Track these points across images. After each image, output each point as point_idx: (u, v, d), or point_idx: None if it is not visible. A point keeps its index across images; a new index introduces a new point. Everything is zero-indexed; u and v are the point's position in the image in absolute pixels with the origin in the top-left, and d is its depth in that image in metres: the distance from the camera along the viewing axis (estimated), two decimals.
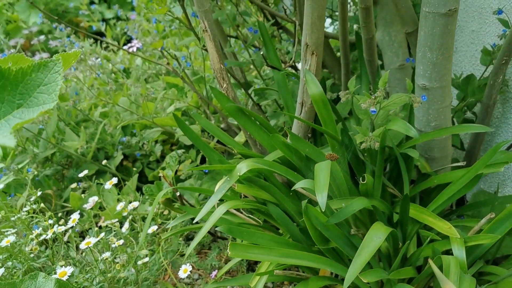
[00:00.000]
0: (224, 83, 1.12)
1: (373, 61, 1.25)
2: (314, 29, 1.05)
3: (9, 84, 0.41)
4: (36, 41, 2.61)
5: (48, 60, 0.41)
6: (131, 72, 2.38)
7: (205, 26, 1.06)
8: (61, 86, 1.57)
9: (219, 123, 1.66)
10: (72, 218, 1.09)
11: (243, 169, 0.96)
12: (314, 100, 1.08)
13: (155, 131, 1.53)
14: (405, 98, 0.99)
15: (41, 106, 0.40)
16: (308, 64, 1.10)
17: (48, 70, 0.41)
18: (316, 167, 0.90)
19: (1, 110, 0.42)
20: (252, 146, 1.25)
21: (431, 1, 0.97)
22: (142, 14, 3.19)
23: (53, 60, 0.41)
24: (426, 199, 1.16)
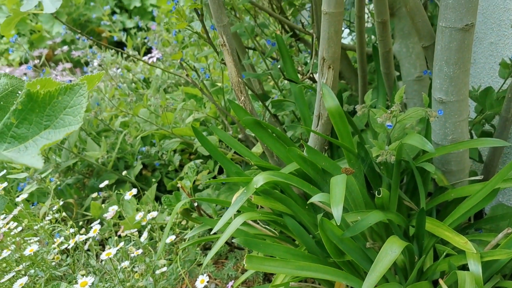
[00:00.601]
0: (241, 96, 1.14)
1: (390, 74, 1.25)
2: (331, 44, 1.06)
3: (37, 107, 0.44)
4: (59, 51, 2.68)
5: (74, 84, 0.43)
6: (151, 81, 2.43)
7: (223, 41, 1.08)
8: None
9: (237, 133, 1.67)
10: (94, 228, 1.11)
11: (259, 181, 0.97)
12: (330, 113, 1.09)
13: (174, 142, 1.55)
14: (421, 112, 0.99)
15: (67, 127, 0.43)
16: (324, 77, 1.11)
17: (74, 93, 0.43)
18: (331, 181, 0.91)
19: (29, 131, 0.44)
20: (269, 157, 1.26)
21: (447, 16, 0.97)
22: (162, 24, 3.25)
23: (79, 84, 0.43)
24: (443, 212, 1.16)
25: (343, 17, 1.05)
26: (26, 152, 0.43)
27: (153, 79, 2.32)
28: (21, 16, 1.51)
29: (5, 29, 1.51)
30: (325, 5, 1.02)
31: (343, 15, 1.04)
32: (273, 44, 1.45)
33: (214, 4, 1.05)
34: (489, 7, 1.44)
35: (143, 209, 1.30)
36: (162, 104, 1.46)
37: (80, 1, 4.23)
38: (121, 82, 2.15)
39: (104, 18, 2.87)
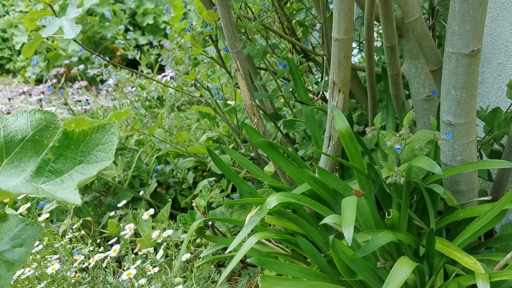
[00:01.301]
0: (254, 118, 1.18)
1: (399, 95, 1.29)
2: (341, 68, 1.10)
3: (72, 144, 0.48)
4: (75, 69, 2.75)
5: (106, 122, 0.47)
6: (164, 99, 2.48)
7: (237, 66, 1.12)
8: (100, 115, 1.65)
9: (249, 152, 1.71)
10: (113, 248, 1.15)
11: (273, 202, 1.00)
12: (341, 135, 1.12)
13: (189, 161, 1.60)
14: (429, 135, 1.02)
15: (99, 163, 0.47)
16: (335, 100, 1.15)
17: (106, 131, 0.47)
18: (343, 203, 0.94)
19: (65, 166, 0.48)
20: (281, 177, 1.29)
21: (454, 42, 1.01)
22: (175, 43, 3.32)
23: (110, 123, 0.47)
24: (453, 231, 1.18)
25: (352, 43, 1.08)
26: (62, 185, 0.47)
27: (167, 98, 2.37)
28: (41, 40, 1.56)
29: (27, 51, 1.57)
30: (335, 32, 1.06)
31: (352, 41, 1.08)
32: (285, 66, 1.49)
33: (228, 32, 1.09)
34: (497, 28, 1.47)
35: (158, 227, 1.34)
36: (177, 125, 1.51)
37: (95, 20, 4.33)
38: (136, 101, 2.20)
39: (119, 37, 2.95)
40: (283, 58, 1.78)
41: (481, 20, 0.98)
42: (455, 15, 0.99)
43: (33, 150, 0.55)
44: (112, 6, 4.47)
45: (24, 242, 0.52)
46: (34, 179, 0.48)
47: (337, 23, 1.05)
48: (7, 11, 4.90)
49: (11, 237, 0.52)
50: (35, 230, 0.51)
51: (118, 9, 4.64)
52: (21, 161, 0.54)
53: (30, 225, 0.52)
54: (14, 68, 4.41)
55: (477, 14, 0.97)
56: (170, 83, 2.41)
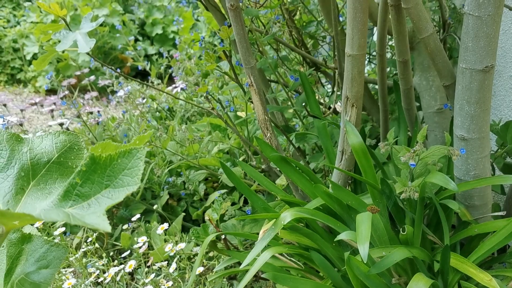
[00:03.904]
0: (268, 132, 1.19)
1: (411, 109, 1.29)
2: (354, 84, 1.10)
3: (99, 168, 0.49)
4: (86, 81, 2.78)
5: (131, 148, 0.48)
6: (175, 110, 2.50)
7: (251, 81, 1.13)
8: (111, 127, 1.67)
9: (260, 164, 1.72)
10: (129, 264, 1.16)
11: (287, 218, 1.01)
12: (354, 149, 1.13)
13: (201, 173, 1.60)
14: (443, 151, 1.02)
15: (125, 187, 0.47)
16: (348, 115, 1.15)
17: (132, 156, 0.48)
18: (357, 219, 0.94)
19: (91, 190, 0.49)
20: (294, 191, 1.30)
21: (467, 58, 1.01)
22: (184, 53, 3.34)
23: (136, 148, 0.48)
24: (467, 246, 1.17)
25: (365, 58, 1.09)
26: (89, 209, 0.48)
27: (177, 109, 2.39)
28: (54, 53, 1.58)
29: (40, 65, 1.59)
30: (349, 47, 1.07)
31: (365, 56, 1.09)
32: (296, 79, 1.50)
33: (242, 48, 1.11)
34: (508, 41, 1.47)
35: (171, 239, 1.34)
36: (190, 138, 1.52)
37: (105, 30, 4.37)
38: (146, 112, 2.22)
39: (129, 48, 2.97)
40: (294, 71, 1.79)
41: (494, 37, 0.99)
42: (468, 31, 1.00)
43: (58, 172, 0.56)
44: (122, 16, 4.51)
45: (49, 264, 0.52)
46: (61, 202, 0.48)
47: (351, 39, 1.05)
48: (18, 22, 4.95)
49: (36, 258, 0.53)
50: (61, 252, 0.52)
51: (128, 19, 4.68)
52: (47, 183, 0.55)
53: (55, 247, 0.53)
54: (25, 78, 4.45)
55: (491, 31, 0.98)
56: (180, 93, 2.42)
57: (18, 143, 0.55)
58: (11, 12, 5.08)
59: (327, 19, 1.81)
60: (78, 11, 4.30)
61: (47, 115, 3.58)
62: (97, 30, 4.40)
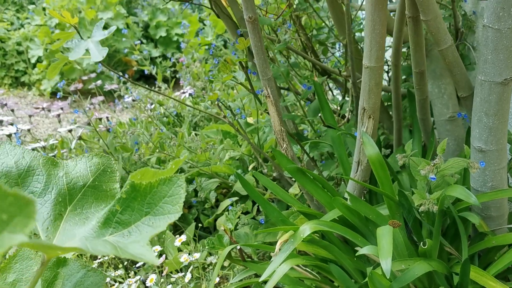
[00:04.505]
0: (284, 143, 1.19)
1: (427, 119, 1.29)
2: (371, 95, 1.10)
3: (139, 195, 0.49)
4: (93, 85, 2.78)
5: (172, 176, 0.48)
6: (183, 116, 2.50)
7: (268, 92, 1.13)
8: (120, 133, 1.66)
9: (272, 171, 1.72)
10: (150, 278, 1.16)
11: (306, 231, 1.01)
12: (371, 161, 1.13)
13: (214, 182, 1.61)
14: (462, 163, 1.02)
15: (166, 215, 0.47)
16: (365, 126, 1.15)
17: (172, 184, 0.48)
18: (378, 232, 0.94)
19: (131, 217, 0.49)
20: (309, 201, 1.30)
21: (486, 70, 1.01)
22: (190, 57, 3.34)
23: (177, 176, 0.48)
24: (484, 257, 1.17)
25: (383, 71, 1.09)
26: (130, 237, 0.48)
27: (185, 114, 2.39)
28: (66, 61, 1.58)
29: (52, 73, 1.59)
30: (367, 59, 1.07)
31: (383, 68, 1.09)
32: (309, 88, 1.50)
33: (260, 59, 1.11)
34: None
35: (185, 248, 1.34)
36: (203, 146, 1.52)
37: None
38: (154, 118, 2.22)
39: (136, 52, 2.98)
40: (307, 79, 1.79)
41: None
42: (488, 44, 1.00)
43: (93, 196, 0.56)
44: (126, 19, 4.51)
45: None
46: (102, 230, 0.48)
47: (369, 51, 1.05)
48: (22, 24, 4.96)
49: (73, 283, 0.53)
50: (99, 278, 0.52)
51: (131, 22, 4.68)
52: (83, 208, 0.55)
53: (93, 272, 0.53)
54: (29, 81, 4.45)
55: (510, 44, 0.97)
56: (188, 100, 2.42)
57: (53, 167, 0.55)
58: (15, 14, 5.08)
59: (337, 26, 1.81)
60: (82, 14, 4.30)
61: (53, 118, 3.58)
62: None
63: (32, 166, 0.54)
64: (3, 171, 0.52)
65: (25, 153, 0.54)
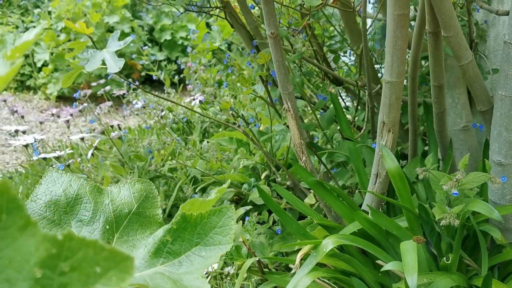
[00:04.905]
0: (303, 156, 1.20)
1: (444, 132, 1.30)
2: (391, 110, 1.11)
3: (189, 226, 0.50)
4: (102, 91, 2.79)
5: (222, 207, 0.49)
6: (192, 122, 2.51)
7: (288, 106, 1.14)
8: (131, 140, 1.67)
9: (285, 180, 1.73)
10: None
11: (329, 245, 1.02)
12: (391, 174, 1.14)
13: (229, 192, 1.62)
14: (483, 178, 1.03)
15: (217, 246, 0.48)
16: (384, 139, 1.16)
17: (222, 215, 0.49)
18: (402, 247, 0.95)
19: (182, 247, 0.50)
20: (327, 213, 1.31)
21: (507, 86, 1.02)
22: (198, 61, 3.35)
23: (227, 207, 0.49)
24: (503, 269, 1.18)
25: (403, 85, 1.10)
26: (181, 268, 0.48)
27: (195, 121, 2.40)
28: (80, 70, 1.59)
29: (66, 82, 1.59)
30: (388, 74, 1.08)
31: (403, 83, 1.10)
32: (325, 98, 1.51)
33: (281, 74, 1.12)
34: None
35: None
36: (219, 157, 1.53)
37: None
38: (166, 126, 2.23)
39: (144, 58, 2.99)
40: (317, 86, 1.80)
41: None
42: (509, 60, 1.01)
43: (138, 223, 0.57)
44: (131, 23, 4.52)
45: None
46: (152, 260, 0.49)
47: (390, 66, 1.06)
48: (27, 28, 4.97)
49: None
50: None
51: (136, 25, 4.69)
52: (129, 235, 0.56)
53: None
54: (35, 85, 4.46)
55: None
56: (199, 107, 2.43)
57: (99, 195, 0.56)
58: (20, 18, 5.09)
59: (349, 35, 1.82)
60: (87, 17, 4.31)
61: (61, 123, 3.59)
62: (106, 37, 4.41)
63: (79, 194, 0.54)
64: (52, 200, 0.53)
65: (72, 181, 0.55)
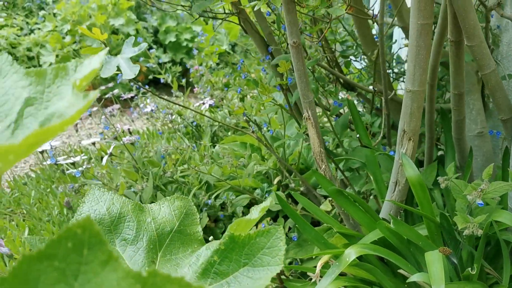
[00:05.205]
0: (322, 164, 1.20)
1: (462, 139, 1.30)
2: (412, 118, 1.11)
3: (237, 247, 0.50)
4: (110, 95, 2.79)
5: (270, 227, 0.49)
6: (201, 126, 2.51)
7: (308, 115, 1.14)
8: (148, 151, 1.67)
9: (299, 186, 1.73)
10: None
11: (352, 255, 1.02)
12: (411, 182, 1.14)
13: (244, 198, 1.61)
14: (506, 187, 1.03)
15: (266, 267, 0.48)
16: (404, 148, 1.16)
17: (270, 235, 0.49)
18: (427, 259, 0.95)
19: (229, 268, 0.50)
20: (345, 220, 1.31)
21: None
22: (204, 65, 3.35)
23: (275, 228, 0.49)
24: None
25: (424, 94, 1.10)
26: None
27: (204, 125, 2.39)
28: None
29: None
30: (409, 84, 1.07)
31: (425, 92, 1.10)
32: (340, 105, 1.51)
33: (302, 83, 1.11)
34: None
35: None
36: (235, 163, 1.53)
37: (119, 38, 4.38)
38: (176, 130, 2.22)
39: (152, 61, 2.99)
40: (330, 92, 1.80)
41: None
42: None
43: (179, 241, 0.57)
44: (136, 24, 4.52)
45: None
46: (200, 280, 0.49)
47: (412, 75, 1.06)
48: (32, 29, 4.96)
49: None
50: None
51: (141, 27, 4.69)
52: (172, 253, 0.55)
53: None
54: None
55: None
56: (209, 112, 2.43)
57: (141, 213, 0.55)
58: (24, 19, 5.08)
59: (362, 41, 1.82)
60: (92, 19, 4.31)
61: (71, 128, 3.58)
62: (111, 39, 4.41)
63: (122, 213, 0.54)
64: (96, 218, 0.53)
65: (114, 199, 0.55)
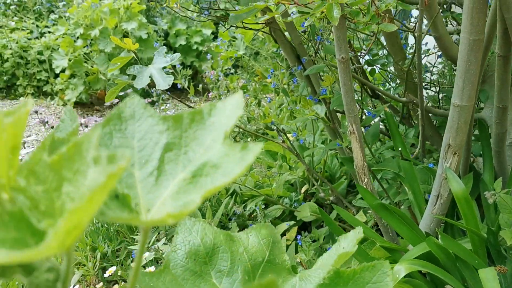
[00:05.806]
0: (365, 178, 1.19)
1: (502, 152, 1.29)
2: (459, 133, 1.11)
3: (341, 282, 0.49)
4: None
5: (376, 262, 0.48)
6: None
7: (353, 129, 1.14)
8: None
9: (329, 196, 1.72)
10: None
11: (401, 272, 1.01)
12: (456, 196, 1.13)
13: (277, 209, 1.61)
14: None
15: None
16: (449, 162, 1.16)
17: (376, 270, 0.48)
18: (482, 276, 0.94)
19: None
20: (384, 233, 1.30)
21: None
22: (219, 69, 3.35)
23: (381, 263, 0.48)
24: None
25: (472, 109, 1.10)
26: None
27: None
28: (124, 85, 1.58)
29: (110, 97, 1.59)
30: (457, 98, 1.07)
31: (473, 107, 1.09)
32: (373, 116, 1.50)
33: (348, 97, 1.11)
34: None
35: None
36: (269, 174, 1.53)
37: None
38: None
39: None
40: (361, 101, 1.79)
41: None
42: None
43: (270, 271, 0.56)
44: (148, 28, 4.52)
45: None
46: None
47: (461, 90, 1.06)
48: (42, 32, 4.96)
49: None
50: None
51: (151, 30, 4.69)
52: None
53: None
54: (52, 91, 4.45)
55: None
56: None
57: (232, 243, 0.55)
58: (34, 23, 5.08)
59: (391, 50, 1.82)
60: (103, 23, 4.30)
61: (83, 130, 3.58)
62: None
63: (216, 244, 0.54)
64: (192, 250, 0.53)
65: (206, 229, 0.55)
